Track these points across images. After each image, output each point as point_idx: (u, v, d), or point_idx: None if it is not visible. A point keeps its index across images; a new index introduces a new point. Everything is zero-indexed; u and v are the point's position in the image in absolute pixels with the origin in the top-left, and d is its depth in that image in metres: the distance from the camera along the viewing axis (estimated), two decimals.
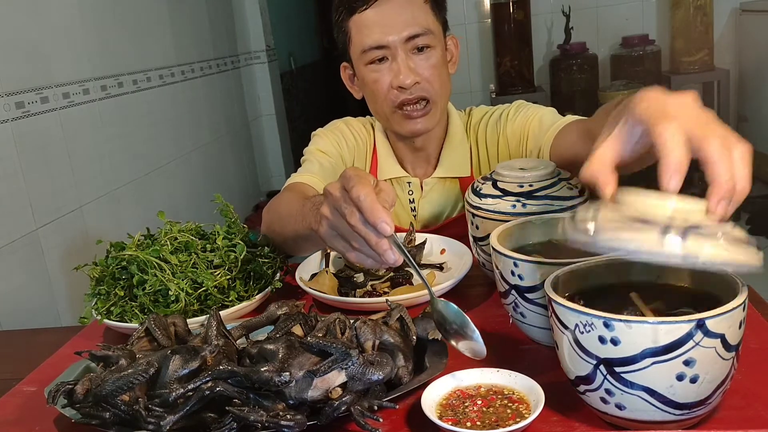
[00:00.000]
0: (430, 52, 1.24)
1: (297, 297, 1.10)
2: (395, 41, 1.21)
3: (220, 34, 3.46)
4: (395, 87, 1.23)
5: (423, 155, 1.37)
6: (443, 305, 0.81)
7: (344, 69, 1.35)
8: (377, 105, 1.28)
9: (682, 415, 0.64)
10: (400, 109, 1.25)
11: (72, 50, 2.15)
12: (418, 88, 1.23)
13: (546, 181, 1.01)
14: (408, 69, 1.21)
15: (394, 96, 1.24)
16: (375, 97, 1.27)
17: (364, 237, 0.76)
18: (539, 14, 3.95)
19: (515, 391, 0.73)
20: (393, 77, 1.22)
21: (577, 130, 1.13)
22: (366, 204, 0.74)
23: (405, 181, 1.37)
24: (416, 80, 1.22)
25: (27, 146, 1.85)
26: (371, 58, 1.23)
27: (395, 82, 1.22)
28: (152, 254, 1.01)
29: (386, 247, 0.76)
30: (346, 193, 0.76)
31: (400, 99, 1.23)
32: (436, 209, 1.37)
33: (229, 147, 3.44)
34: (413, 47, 1.22)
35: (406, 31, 1.21)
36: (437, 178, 1.35)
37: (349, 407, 0.70)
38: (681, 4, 3.69)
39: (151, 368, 0.71)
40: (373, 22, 1.21)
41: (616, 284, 0.76)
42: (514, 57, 3.83)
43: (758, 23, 3.60)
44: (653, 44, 3.84)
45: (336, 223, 0.80)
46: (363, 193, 0.74)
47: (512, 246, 0.87)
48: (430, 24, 1.23)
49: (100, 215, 2.19)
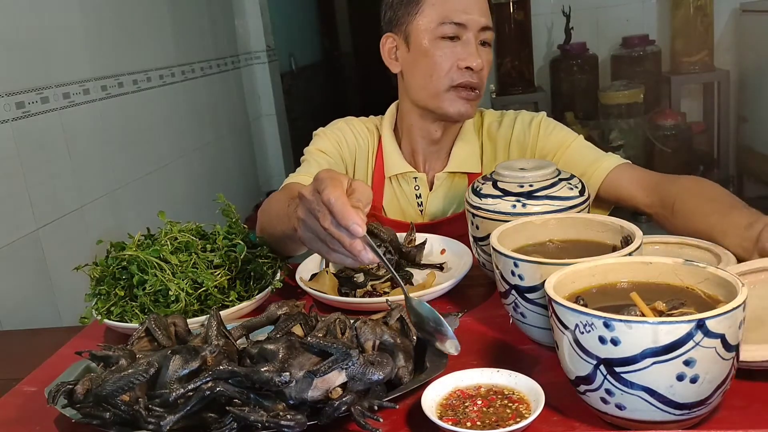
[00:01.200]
0: (489, 48, 1.30)
1: (297, 297, 1.10)
2: (474, 24, 1.25)
3: (220, 34, 3.46)
4: (463, 67, 1.25)
5: (437, 150, 1.38)
6: (417, 304, 0.81)
7: (387, 40, 1.34)
8: (432, 80, 1.27)
9: (682, 415, 0.64)
10: (455, 89, 1.27)
11: (72, 50, 2.15)
12: (479, 76, 1.27)
13: (546, 181, 1.01)
14: (478, 54, 1.25)
15: (456, 75, 1.26)
16: (434, 71, 1.27)
17: (338, 239, 0.78)
18: (539, 14, 3.95)
19: (515, 391, 0.73)
20: (465, 57, 1.25)
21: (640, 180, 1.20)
22: (337, 207, 0.75)
23: (411, 176, 1.38)
24: (482, 66, 1.26)
25: (27, 146, 1.85)
26: (444, 33, 1.25)
27: (464, 63, 1.25)
28: (152, 254, 1.01)
29: (360, 248, 0.78)
30: (319, 195, 0.78)
31: (463, 79, 1.25)
32: (445, 204, 1.38)
33: (230, 147, 3.44)
34: (482, 39, 1.28)
35: (484, 18, 1.27)
36: (448, 173, 1.37)
37: (350, 407, 0.70)
38: (681, 4, 3.69)
39: (151, 368, 0.71)
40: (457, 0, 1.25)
41: (616, 284, 0.76)
42: (515, 57, 3.83)
43: (758, 23, 3.60)
44: (653, 44, 3.84)
45: (311, 226, 0.82)
46: (333, 196, 0.76)
47: (512, 246, 0.87)
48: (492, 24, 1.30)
49: (100, 215, 2.19)
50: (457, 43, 1.25)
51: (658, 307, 0.68)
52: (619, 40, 3.91)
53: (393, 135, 1.40)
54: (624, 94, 3.67)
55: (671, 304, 0.68)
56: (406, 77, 1.33)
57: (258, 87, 3.89)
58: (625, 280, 0.75)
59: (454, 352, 0.79)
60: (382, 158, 1.39)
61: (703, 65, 3.73)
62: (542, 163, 1.05)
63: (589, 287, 0.75)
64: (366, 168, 1.40)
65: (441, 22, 1.24)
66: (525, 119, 1.36)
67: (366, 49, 5.36)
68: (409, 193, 1.38)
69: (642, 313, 0.67)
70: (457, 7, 1.24)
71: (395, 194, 1.39)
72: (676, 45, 3.78)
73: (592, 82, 3.90)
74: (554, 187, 0.99)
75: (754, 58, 3.67)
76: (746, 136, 3.82)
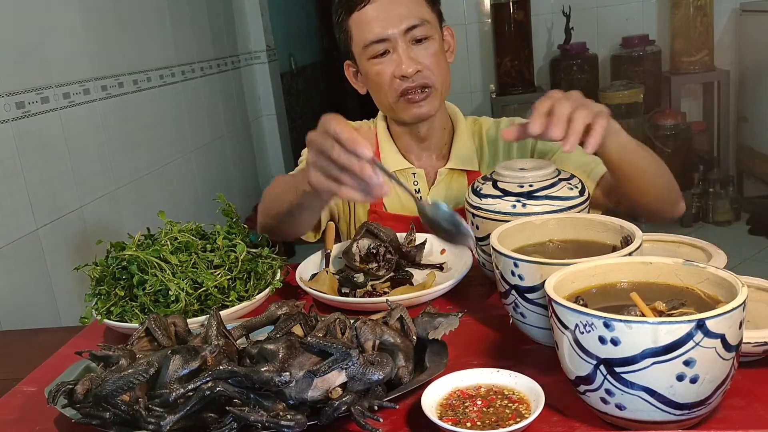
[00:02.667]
0: (428, 42, 1.29)
1: (297, 297, 1.10)
2: (395, 33, 1.26)
3: (220, 34, 3.46)
4: (398, 76, 1.28)
5: (428, 146, 1.40)
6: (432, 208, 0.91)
7: (347, 67, 1.40)
8: (381, 96, 1.33)
9: (682, 415, 0.64)
10: (403, 97, 1.30)
11: (72, 50, 2.15)
12: (419, 76, 1.28)
13: (546, 181, 1.01)
14: (409, 59, 1.27)
15: (397, 85, 1.29)
16: (379, 89, 1.32)
17: (348, 166, 0.85)
18: (539, 14, 3.95)
19: (515, 391, 0.73)
20: (395, 67, 1.28)
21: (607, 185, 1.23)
22: (344, 136, 0.84)
23: (410, 172, 1.40)
24: (417, 68, 1.27)
25: (27, 146, 1.85)
26: (374, 53, 1.28)
27: (398, 72, 1.28)
28: (152, 254, 1.01)
29: (369, 172, 0.85)
30: (326, 132, 0.86)
31: (403, 87, 1.29)
32: (445, 199, 1.39)
33: (230, 147, 3.44)
34: (412, 38, 1.28)
35: (404, 23, 1.26)
36: (449, 169, 1.39)
37: (350, 407, 0.70)
38: (681, 4, 3.69)
39: (151, 368, 0.71)
40: (372, 17, 1.27)
41: (616, 284, 0.76)
42: (514, 57, 3.83)
43: (758, 23, 3.60)
44: (653, 44, 3.84)
45: (322, 164, 0.89)
46: (339, 128, 0.85)
47: (512, 246, 0.87)
48: (425, 15, 1.29)
49: (100, 215, 2.19)
50: (389, 56, 1.28)
51: (658, 307, 0.68)
52: (619, 40, 3.91)
53: (388, 133, 1.43)
54: (624, 94, 3.67)
55: (671, 304, 0.68)
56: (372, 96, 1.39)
57: (258, 87, 3.89)
58: (625, 280, 0.75)
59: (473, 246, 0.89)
60: (379, 156, 1.41)
61: (703, 65, 3.73)
62: (542, 164, 1.05)
63: (589, 287, 0.75)
64: None
65: (365, 44, 1.28)
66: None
67: None
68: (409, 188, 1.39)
69: (642, 313, 0.67)
70: (375, 24, 1.27)
71: (395, 190, 1.40)
72: (676, 45, 3.78)
73: (592, 82, 3.90)
74: (554, 187, 0.99)
75: (754, 58, 3.67)
76: (746, 136, 3.82)
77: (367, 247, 1.15)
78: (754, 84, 3.69)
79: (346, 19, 1.30)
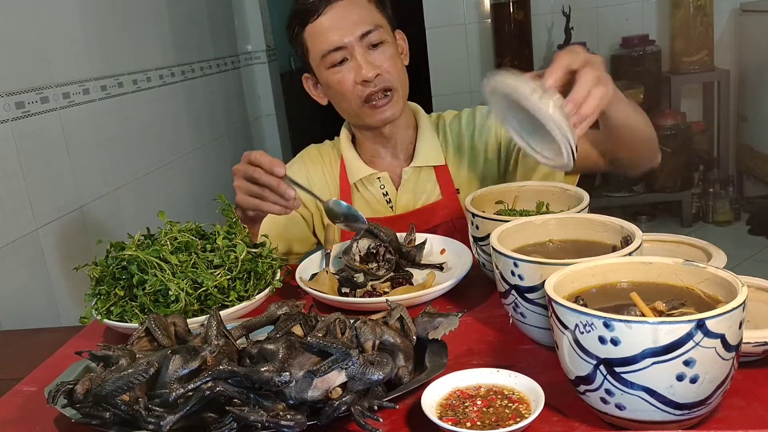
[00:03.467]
0: (384, 46, 1.32)
1: (297, 297, 1.10)
2: (351, 41, 1.29)
3: (220, 34, 3.46)
4: (359, 82, 1.30)
5: (393, 146, 1.43)
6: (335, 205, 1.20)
7: (306, 80, 1.43)
8: (344, 103, 1.35)
9: (682, 415, 0.64)
10: (366, 103, 1.32)
11: (72, 50, 2.15)
12: (380, 80, 1.30)
13: None
14: (368, 63, 1.29)
15: (359, 91, 1.31)
16: (342, 97, 1.34)
17: (268, 184, 1.09)
18: (539, 14, 3.95)
19: (515, 391, 0.73)
20: (356, 73, 1.30)
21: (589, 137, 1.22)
22: (263, 159, 1.10)
23: (374, 177, 1.42)
24: (377, 72, 1.30)
25: (27, 146, 1.84)
26: (332, 62, 1.31)
27: (358, 78, 1.30)
28: (152, 254, 1.01)
29: (284, 187, 1.09)
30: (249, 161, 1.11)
31: (366, 92, 1.31)
32: (414, 197, 1.42)
33: (229, 147, 3.44)
34: (368, 44, 1.30)
35: (358, 29, 1.29)
36: (415, 167, 1.41)
37: (349, 407, 0.70)
38: (681, 4, 3.69)
39: (151, 368, 0.71)
40: (326, 27, 1.30)
41: (616, 284, 0.76)
42: (514, 57, 3.82)
43: (758, 23, 3.60)
44: (653, 44, 3.84)
45: (246, 187, 1.12)
46: (257, 154, 1.10)
47: (512, 246, 0.87)
48: (378, 20, 1.32)
49: (100, 215, 2.19)
50: (346, 63, 1.31)
51: (658, 307, 0.68)
52: (619, 40, 3.91)
53: (351, 145, 1.46)
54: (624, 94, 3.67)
55: (671, 304, 0.68)
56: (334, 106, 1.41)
57: (258, 87, 3.88)
58: (625, 280, 0.76)
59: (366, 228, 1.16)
60: (344, 166, 1.45)
61: (703, 65, 3.73)
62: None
63: (589, 287, 0.75)
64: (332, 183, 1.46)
65: (322, 54, 1.31)
66: (483, 111, 1.44)
67: None
68: (376, 193, 1.43)
69: (642, 313, 0.67)
70: (330, 34, 1.29)
71: (363, 198, 1.43)
72: (676, 45, 3.78)
73: None
74: None
75: (754, 57, 3.67)
76: (746, 136, 3.82)
77: (367, 247, 1.15)
78: (754, 84, 3.69)
79: (301, 32, 1.33)
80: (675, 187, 3.72)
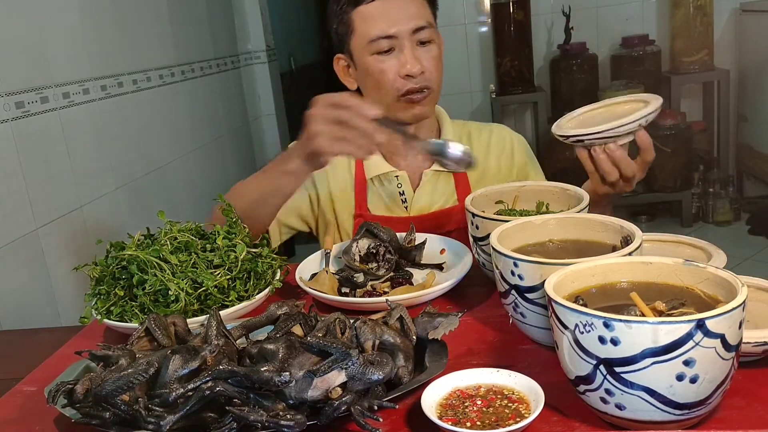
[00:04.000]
0: (431, 45, 1.31)
1: (297, 297, 1.10)
2: (403, 33, 1.27)
3: (220, 34, 3.46)
4: (402, 76, 1.28)
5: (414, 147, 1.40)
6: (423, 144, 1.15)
7: (338, 60, 1.39)
8: (379, 93, 1.32)
9: (682, 415, 0.64)
10: (404, 97, 1.30)
11: (72, 50, 2.15)
12: (422, 78, 1.29)
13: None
14: (415, 59, 1.27)
15: (400, 84, 1.29)
16: (379, 86, 1.31)
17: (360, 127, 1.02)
18: (539, 14, 3.95)
19: (515, 391, 0.73)
20: (401, 66, 1.28)
21: None
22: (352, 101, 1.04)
23: (393, 175, 1.40)
24: (422, 70, 1.28)
25: (27, 146, 1.84)
26: (378, 49, 1.28)
27: (403, 71, 1.28)
28: (152, 254, 1.01)
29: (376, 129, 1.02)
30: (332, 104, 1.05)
31: (406, 87, 1.29)
32: (431, 200, 1.41)
33: (229, 147, 3.44)
34: (418, 40, 1.28)
35: (413, 23, 1.27)
36: (435, 170, 1.39)
37: (349, 407, 0.70)
38: (681, 4, 3.69)
39: (151, 368, 0.71)
40: (379, 13, 1.27)
41: (616, 284, 0.76)
42: (514, 57, 3.83)
43: (758, 23, 3.60)
44: (653, 44, 3.84)
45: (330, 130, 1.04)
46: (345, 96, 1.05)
47: (512, 246, 0.87)
48: (429, 19, 1.31)
49: (99, 215, 2.19)
50: (393, 54, 1.28)
51: (657, 307, 0.68)
52: (619, 39, 3.91)
53: None
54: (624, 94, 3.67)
55: (671, 304, 0.68)
56: (363, 92, 1.38)
57: (258, 87, 3.88)
58: (625, 280, 0.75)
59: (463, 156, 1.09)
60: (361, 161, 1.42)
61: (703, 65, 3.73)
62: None
63: (589, 287, 0.75)
64: (345, 174, 1.42)
65: (371, 39, 1.28)
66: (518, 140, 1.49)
67: None
68: (392, 191, 1.41)
69: (642, 313, 0.67)
70: (383, 21, 1.27)
71: (379, 194, 1.41)
72: (675, 45, 3.78)
73: (591, 82, 3.90)
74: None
75: (753, 57, 3.67)
76: (746, 136, 3.82)
77: (367, 247, 1.15)
78: (754, 84, 3.69)
79: (350, 11, 1.29)
80: (675, 187, 3.72)
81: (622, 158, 1.09)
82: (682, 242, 1.00)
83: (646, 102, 1.10)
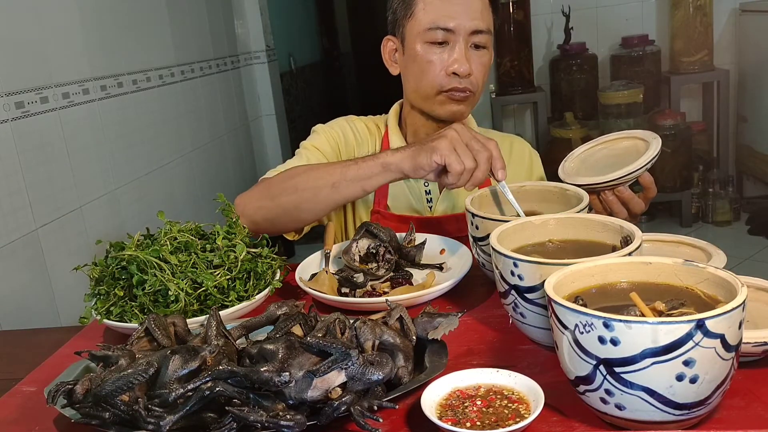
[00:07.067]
0: (484, 51, 1.29)
1: (297, 297, 1.10)
2: (461, 28, 1.25)
3: (220, 34, 3.46)
4: (449, 72, 1.26)
5: None
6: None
7: (387, 42, 1.36)
8: (422, 84, 1.30)
9: (681, 416, 0.64)
10: (445, 93, 1.28)
11: (72, 50, 2.15)
12: (468, 81, 1.27)
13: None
14: (466, 59, 1.25)
15: (444, 80, 1.27)
16: (423, 76, 1.29)
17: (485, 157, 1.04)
18: (539, 14, 3.95)
19: (515, 391, 0.73)
20: (450, 62, 1.26)
21: None
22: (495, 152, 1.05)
23: None
24: (469, 72, 1.26)
25: (27, 146, 1.84)
26: (433, 38, 1.26)
27: (451, 68, 1.26)
28: (152, 254, 1.01)
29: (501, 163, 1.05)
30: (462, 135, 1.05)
31: (450, 85, 1.27)
32: (456, 202, 1.40)
33: (229, 147, 3.44)
34: (473, 42, 1.27)
35: (473, 23, 1.25)
36: None
37: (349, 407, 0.70)
38: (681, 4, 3.69)
39: (150, 368, 0.71)
40: (444, 4, 1.25)
41: (616, 284, 0.76)
42: (514, 57, 3.83)
43: (758, 23, 3.60)
44: (653, 44, 3.84)
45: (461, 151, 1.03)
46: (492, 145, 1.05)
47: (512, 246, 0.87)
48: (490, 26, 1.29)
49: (100, 215, 2.19)
50: (445, 48, 1.26)
51: (657, 307, 0.68)
52: (619, 39, 3.91)
53: (399, 132, 1.41)
54: (623, 94, 3.67)
55: (671, 304, 0.68)
56: (403, 79, 1.36)
57: (257, 87, 3.88)
58: (625, 280, 0.75)
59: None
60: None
61: (703, 65, 3.73)
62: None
63: (589, 287, 0.75)
64: None
65: (429, 27, 1.26)
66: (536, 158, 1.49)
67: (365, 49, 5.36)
68: (419, 189, 1.40)
69: (642, 313, 0.67)
70: (446, 12, 1.25)
71: (403, 190, 1.39)
72: (675, 45, 3.78)
73: (591, 82, 3.90)
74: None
75: (753, 57, 3.67)
76: (746, 136, 3.82)
77: (367, 247, 1.15)
78: (754, 84, 3.69)
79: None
80: (675, 187, 3.72)
81: (631, 198, 1.12)
82: (682, 242, 1.00)
83: (643, 140, 1.13)
